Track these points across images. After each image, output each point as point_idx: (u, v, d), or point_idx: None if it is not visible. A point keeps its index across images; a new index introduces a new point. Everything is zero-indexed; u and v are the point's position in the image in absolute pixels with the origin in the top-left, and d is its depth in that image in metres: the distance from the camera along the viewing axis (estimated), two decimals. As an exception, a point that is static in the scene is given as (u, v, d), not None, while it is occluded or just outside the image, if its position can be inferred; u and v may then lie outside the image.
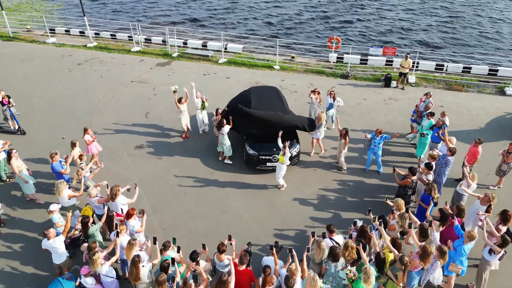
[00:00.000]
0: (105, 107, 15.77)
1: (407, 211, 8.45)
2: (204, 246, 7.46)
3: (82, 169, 9.90)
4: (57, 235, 7.83)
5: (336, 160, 12.61)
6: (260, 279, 7.05)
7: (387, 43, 24.40)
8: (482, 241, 8.10)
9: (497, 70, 18.64)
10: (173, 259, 7.13)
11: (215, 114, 12.78)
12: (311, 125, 12.40)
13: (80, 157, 10.46)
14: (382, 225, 7.84)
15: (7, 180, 11.53)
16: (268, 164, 11.75)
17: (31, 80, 17.93)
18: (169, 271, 6.97)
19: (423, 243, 7.54)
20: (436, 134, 11.52)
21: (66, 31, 24.09)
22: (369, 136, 11.74)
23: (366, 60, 19.93)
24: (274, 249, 7.39)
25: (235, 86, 17.21)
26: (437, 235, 7.90)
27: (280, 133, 11.14)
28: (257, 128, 12.00)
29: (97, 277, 7.62)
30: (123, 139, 13.75)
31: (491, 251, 7.79)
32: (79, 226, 8.86)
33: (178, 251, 7.49)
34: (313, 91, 13.80)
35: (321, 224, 10.19)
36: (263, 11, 31.40)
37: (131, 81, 18.09)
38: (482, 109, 15.81)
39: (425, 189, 9.28)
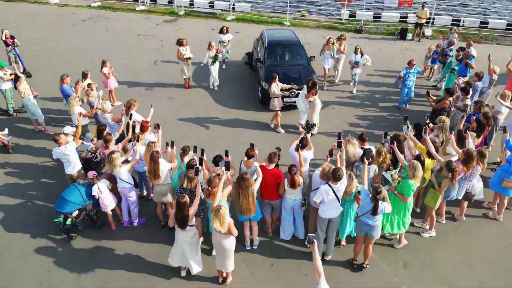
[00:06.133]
0: (112, 56, 15.17)
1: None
2: (227, 153, 6.93)
3: (92, 90, 9.33)
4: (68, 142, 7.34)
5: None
6: (286, 180, 6.62)
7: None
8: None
9: (515, 24, 18.07)
10: (201, 159, 6.67)
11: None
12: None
13: (89, 85, 9.90)
14: (423, 131, 7.27)
15: (14, 114, 11.05)
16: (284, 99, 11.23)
17: (33, 33, 17.34)
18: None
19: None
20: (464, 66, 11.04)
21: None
22: (402, 73, 11.28)
23: (380, 16, 19.34)
24: (299, 149, 6.95)
25: (245, 39, 16.65)
26: (471, 142, 7.41)
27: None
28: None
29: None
30: (133, 83, 13.27)
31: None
32: (92, 146, 8.36)
33: (202, 154, 6.99)
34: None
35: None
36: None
37: (138, 34, 17.55)
38: (502, 57, 15.23)
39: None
